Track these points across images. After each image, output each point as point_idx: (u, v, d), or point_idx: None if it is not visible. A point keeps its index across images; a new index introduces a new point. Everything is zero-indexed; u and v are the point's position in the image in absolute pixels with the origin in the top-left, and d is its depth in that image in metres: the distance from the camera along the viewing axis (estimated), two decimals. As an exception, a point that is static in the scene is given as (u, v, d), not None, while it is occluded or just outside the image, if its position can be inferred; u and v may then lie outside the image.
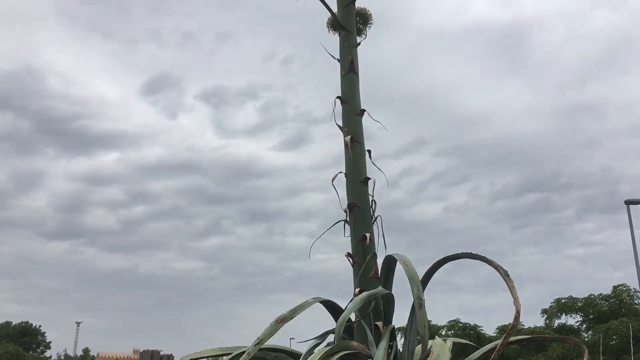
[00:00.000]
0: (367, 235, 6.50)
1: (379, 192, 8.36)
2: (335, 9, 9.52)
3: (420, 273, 5.44)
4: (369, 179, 7.56)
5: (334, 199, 7.37)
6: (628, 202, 28.94)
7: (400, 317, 5.81)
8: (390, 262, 6.10)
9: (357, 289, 6.10)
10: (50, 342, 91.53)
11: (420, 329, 4.84)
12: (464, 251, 5.15)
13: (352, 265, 6.45)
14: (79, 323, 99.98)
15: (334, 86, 10.08)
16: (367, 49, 10.77)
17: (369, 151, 8.30)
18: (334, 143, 9.26)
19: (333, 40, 9.51)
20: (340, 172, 7.87)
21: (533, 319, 37.94)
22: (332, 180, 7.68)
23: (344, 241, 6.76)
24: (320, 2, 9.13)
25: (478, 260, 4.93)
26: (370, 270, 6.28)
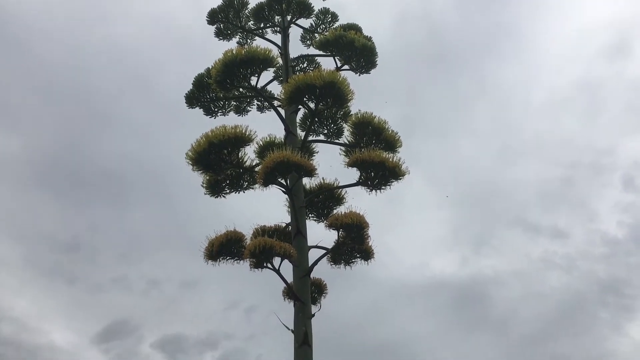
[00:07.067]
0: None
1: None
2: (289, 280, 9.90)
3: None
4: None
5: None
6: None
7: None
8: None
9: None
10: None
11: None
12: None
13: None
14: None
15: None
16: (331, 301, 10.90)
17: None
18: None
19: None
20: None
21: None
22: None
23: None
24: (277, 274, 9.53)
25: None
26: None
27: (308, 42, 13.60)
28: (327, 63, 12.30)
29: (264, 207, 12.19)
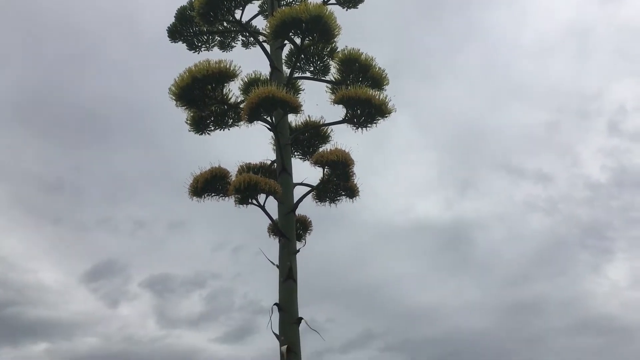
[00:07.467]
0: None
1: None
2: (275, 216, 9.93)
3: None
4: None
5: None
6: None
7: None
8: None
9: None
10: None
11: None
12: None
13: None
14: None
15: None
16: (317, 242, 11.00)
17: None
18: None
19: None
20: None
21: None
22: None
23: None
24: (262, 210, 9.53)
25: None
26: None
27: (294, -25, 13.14)
28: (314, -3, 11.95)
29: (249, 144, 12.09)
